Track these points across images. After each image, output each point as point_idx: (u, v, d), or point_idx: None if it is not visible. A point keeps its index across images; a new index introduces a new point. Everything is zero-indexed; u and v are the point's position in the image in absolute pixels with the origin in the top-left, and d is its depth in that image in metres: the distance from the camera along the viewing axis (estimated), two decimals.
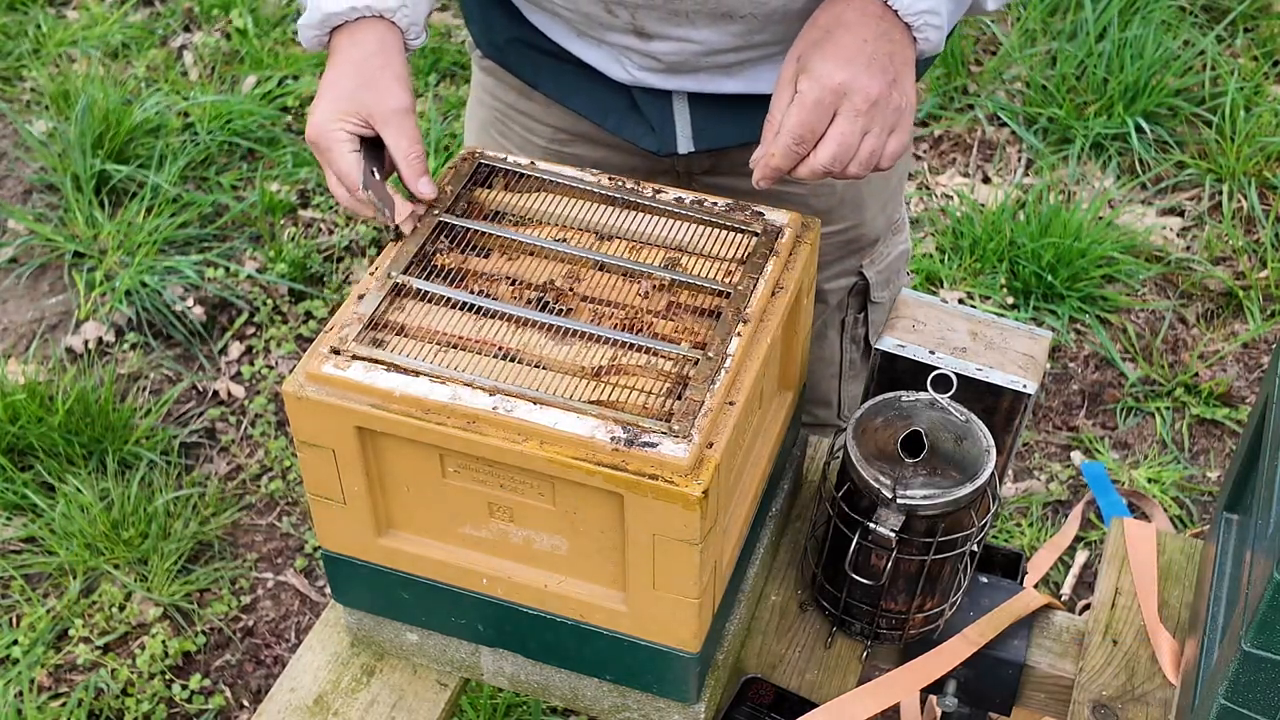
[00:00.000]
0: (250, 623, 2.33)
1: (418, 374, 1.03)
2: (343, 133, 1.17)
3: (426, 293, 1.11)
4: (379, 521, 1.12)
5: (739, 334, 1.06)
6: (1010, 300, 2.81)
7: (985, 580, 1.32)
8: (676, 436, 0.99)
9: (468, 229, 1.16)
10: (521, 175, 1.22)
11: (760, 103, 1.36)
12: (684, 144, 1.40)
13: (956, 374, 1.19)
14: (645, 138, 1.40)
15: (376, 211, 1.15)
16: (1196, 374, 2.68)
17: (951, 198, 3.05)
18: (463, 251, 1.15)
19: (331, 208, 3.03)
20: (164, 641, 2.25)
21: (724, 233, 1.17)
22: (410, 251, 1.14)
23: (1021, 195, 3.01)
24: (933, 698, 1.70)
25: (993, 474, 1.17)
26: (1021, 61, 3.32)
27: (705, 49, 1.31)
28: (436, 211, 1.17)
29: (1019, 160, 3.15)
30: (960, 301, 2.79)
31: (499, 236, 1.16)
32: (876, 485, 1.14)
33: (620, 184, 1.21)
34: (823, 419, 1.67)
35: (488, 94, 1.56)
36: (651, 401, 1.02)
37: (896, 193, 1.61)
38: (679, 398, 1.02)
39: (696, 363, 1.05)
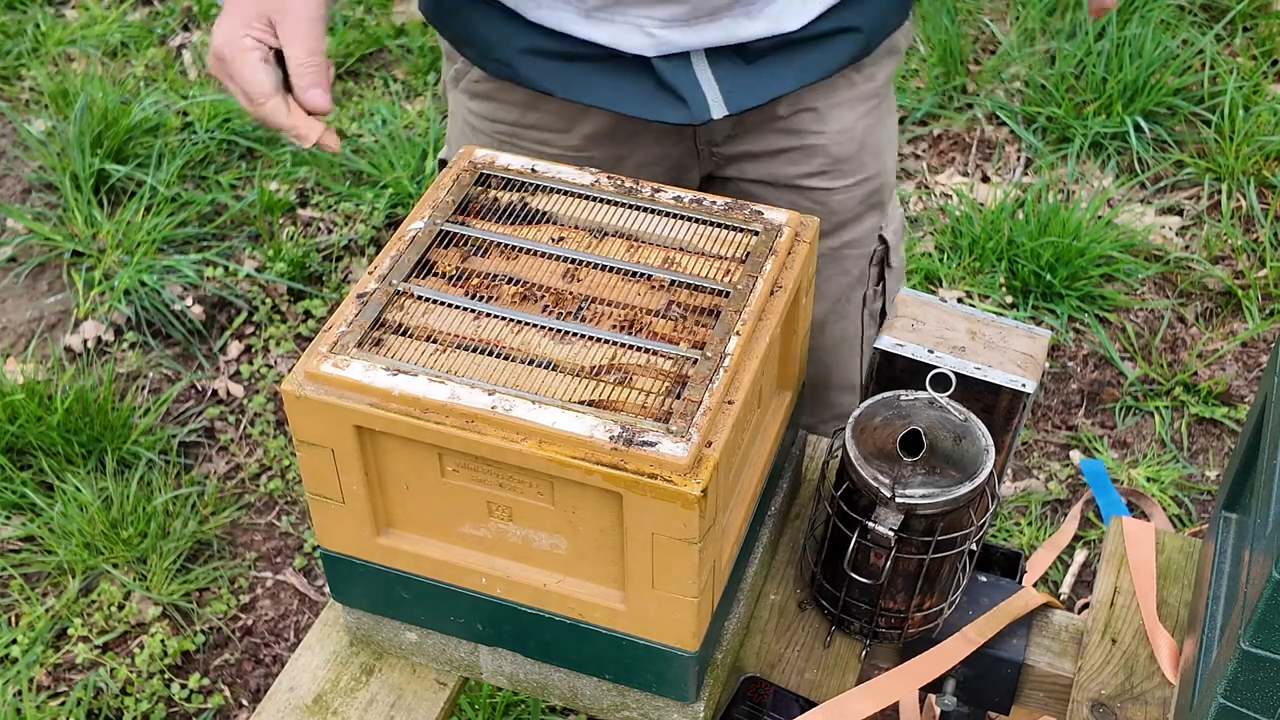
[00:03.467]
0: (249, 622, 2.33)
1: (416, 373, 1.03)
2: (249, 39, 1.13)
3: (426, 293, 1.11)
4: (378, 521, 1.12)
5: (738, 333, 1.06)
6: (1009, 299, 2.81)
7: (984, 579, 1.32)
8: (675, 436, 0.99)
9: (467, 230, 1.17)
10: (521, 180, 1.22)
11: (778, 52, 1.35)
12: (716, 109, 1.36)
13: (955, 373, 1.19)
14: (675, 111, 1.36)
15: (288, 128, 1.11)
16: (1195, 373, 2.68)
17: (950, 197, 3.05)
18: (462, 252, 1.15)
19: (331, 206, 3.03)
20: (163, 641, 2.25)
21: (722, 232, 1.17)
22: (411, 256, 1.14)
23: (1020, 194, 3.02)
24: (932, 696, 1.71)
25: (991, 473, 1.17)
26: (1020, 61, 3.32)
27: None
28: (438, 217, 1.18)
29: (1018, 159, 3.15)
30: (959, 300, 2.79)
31: (498, 238, 1.16)
32: (875, 484, 1.14)
33: (619, 184, 1.21)
34: (849, 408, 1.62)
35: (485, 120, 1.52)
36: (650, 401, 1.02)
37: (896, 144, 1.60)
38: (678, 397, 1.02)
39: (695, 362, 1.05)
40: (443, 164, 1.65)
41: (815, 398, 1.69)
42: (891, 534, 1.13)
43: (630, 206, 1.19)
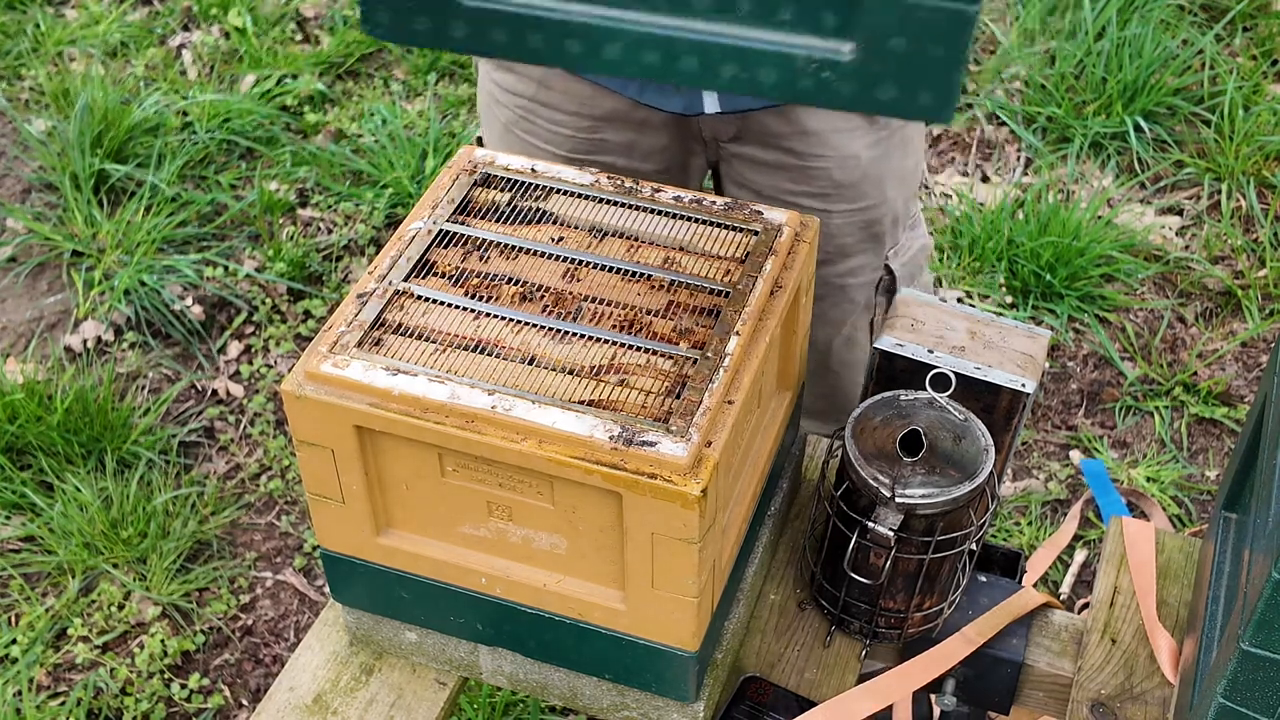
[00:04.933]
0: (249, 622, 2.32)
1: (416, 373, 1.03)
2: None
3: (426, 293, 1.11)
4: (378, 520, 1.12)
5: (738, 333, 1.06)
6: (1009, 299, 2.81)
7: (984, 579, 1.32)
8: (675, 436, 0.99)
9: (467, 230, 1.17)
10: (521, 180, 1.22)
11: None
12: (710, 104, 1.39)
13: (955, 373, 1.19)
14: (671, 100, 1.39)
15: None
16: (1195, 373, 2.68)
17: (950, 197, 3.05)
18: (462, 252, 1.15)
19: (331, 206, 3.03)
20: (163, 640, 2.25)
21: (722, 232, 1.17)
22: (411, 256, 1.14)
23: (1020, 194, 3.01)
24: (932, 696, 1.71)
25: (991, 473, 1.17)
26: (1020, 60, 3.32)
27: None
28: (438, 217, 1.18)
29: (1018, 159, 3.15)
30: (959, 300, 2.79)
31: (498, 238, 1.16)
32: (875, 484, 1.14)
33: (619, 184, 1.21)
34: None
35: (505, 92, 1.56)
36: (650, 401, 1.02)
37: (913, 179, 1.60)
38: (678, 397, 1.02)
39: (695, 362, 1.05)
40: (479, 141, 1.68)
41: (828, 417, 1.71)
42: (891, 534, 1.13)
43: (630, 206, 1.19)
